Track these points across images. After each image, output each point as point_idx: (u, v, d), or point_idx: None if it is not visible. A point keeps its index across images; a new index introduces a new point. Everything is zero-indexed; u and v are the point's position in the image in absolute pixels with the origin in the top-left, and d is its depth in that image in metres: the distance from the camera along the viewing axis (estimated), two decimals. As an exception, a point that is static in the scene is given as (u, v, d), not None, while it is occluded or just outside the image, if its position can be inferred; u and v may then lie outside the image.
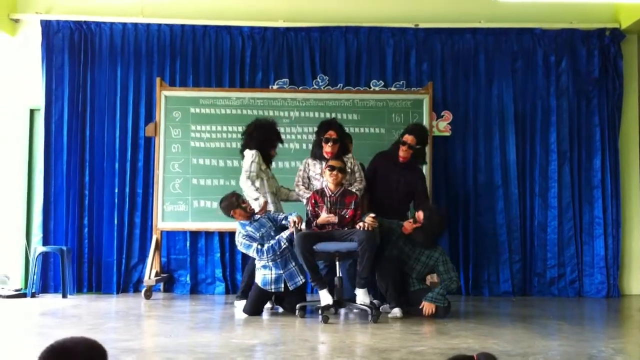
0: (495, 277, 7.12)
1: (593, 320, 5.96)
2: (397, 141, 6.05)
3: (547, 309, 6.13)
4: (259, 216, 5.63)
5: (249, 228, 5.58)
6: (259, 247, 5.48)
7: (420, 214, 5.53)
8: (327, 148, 5.80)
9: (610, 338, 4.71)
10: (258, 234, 5.54)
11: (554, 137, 7.19)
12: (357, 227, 5.36)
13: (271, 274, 5.50)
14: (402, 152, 5.91)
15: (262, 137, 5.93)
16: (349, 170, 5.86)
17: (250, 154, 5.82)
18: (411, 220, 5.58)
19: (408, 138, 5.92)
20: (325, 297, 5.25)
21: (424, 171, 6.65)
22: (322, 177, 5.81)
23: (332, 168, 5.56)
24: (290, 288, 5.50)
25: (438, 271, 5.56)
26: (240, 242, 5.58)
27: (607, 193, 7.16)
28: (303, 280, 5.56)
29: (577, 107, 7.26)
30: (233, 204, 5.61)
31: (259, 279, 5.55)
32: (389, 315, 5.38)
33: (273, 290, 5.50)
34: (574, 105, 7.26)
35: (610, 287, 7.04)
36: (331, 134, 5.83)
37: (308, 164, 5.98)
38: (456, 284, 5.55)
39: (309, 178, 5.95)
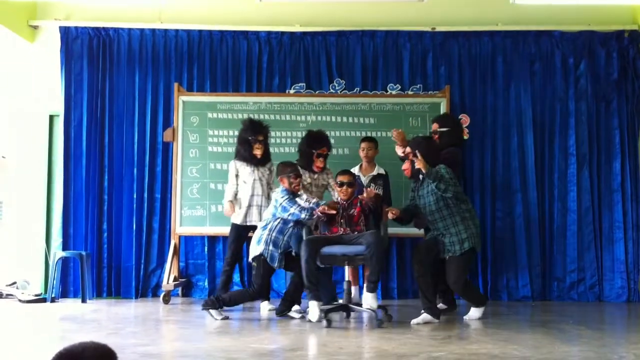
0: (515, 281, 7.07)
1: (614, 325, 5.88)
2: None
3: (566, 314, 6.07)
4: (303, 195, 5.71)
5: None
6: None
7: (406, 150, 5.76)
8: (319, 163, 6.12)
9: (632, 343, 4.65)
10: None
11: (573, 140, 7.13)
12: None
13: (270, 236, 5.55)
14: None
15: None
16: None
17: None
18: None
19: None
20: (313, 310, 5.20)
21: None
22: (314, 188, 6.10)
23: (341, 184, 5.72)
24: (273, 264, 5.47)
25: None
26: (285, 200, 5.52)
27: (627, 197, 7.08)
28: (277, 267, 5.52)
29: (596, 110, 7.20)
30: (283, 171, 5.70)
31: (255, 238, 5.63)
32: (412, 322, 5.30)
33: (261, 252, 5.46)
34: (593, 108, 7.19)
35: (631, 292, 6.96)
36: (324, 150, 6.13)
37: None
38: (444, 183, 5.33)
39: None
